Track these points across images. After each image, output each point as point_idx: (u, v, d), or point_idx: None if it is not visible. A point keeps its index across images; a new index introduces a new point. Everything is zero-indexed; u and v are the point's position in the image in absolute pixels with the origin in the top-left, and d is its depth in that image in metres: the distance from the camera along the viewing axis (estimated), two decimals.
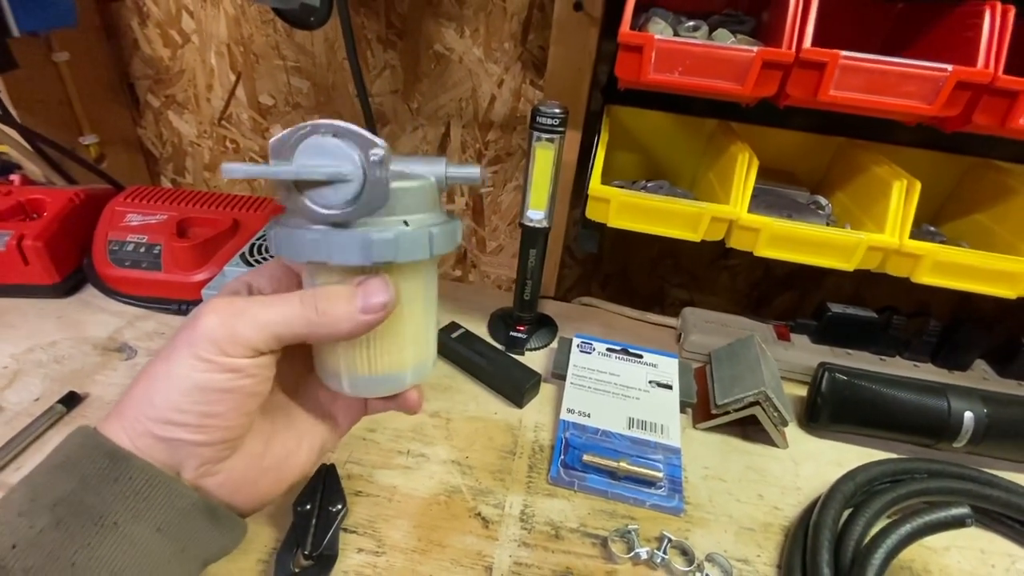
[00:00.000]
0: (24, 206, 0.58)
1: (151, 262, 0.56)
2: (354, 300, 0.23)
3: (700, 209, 0.44)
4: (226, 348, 0.23)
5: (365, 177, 0.21)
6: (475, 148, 0.69)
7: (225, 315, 0.23)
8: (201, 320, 0.23)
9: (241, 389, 0.23)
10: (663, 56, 0.38)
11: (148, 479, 0.23)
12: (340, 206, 0.22)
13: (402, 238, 0.22)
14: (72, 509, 0.22)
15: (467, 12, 0.61)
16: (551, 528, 0.39)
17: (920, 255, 0.43)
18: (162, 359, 0.23)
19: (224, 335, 0.23)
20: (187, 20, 0.68)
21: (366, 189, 0.21)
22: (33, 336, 0.52)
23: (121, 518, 0.22)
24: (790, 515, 0.42)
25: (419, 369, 0.28)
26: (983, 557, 0.40)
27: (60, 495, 0.22)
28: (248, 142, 0.76)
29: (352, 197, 0.21)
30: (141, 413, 0.23)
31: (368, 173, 0.21)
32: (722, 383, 0.48)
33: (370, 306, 0.23)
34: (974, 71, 0.35)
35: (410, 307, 0.26)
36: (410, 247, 0.23)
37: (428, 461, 0.43)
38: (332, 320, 0.23)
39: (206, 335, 0.22)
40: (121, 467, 0.22)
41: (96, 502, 0.22)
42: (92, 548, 0.21)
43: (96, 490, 0.22)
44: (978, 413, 0.45)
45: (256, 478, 0.27)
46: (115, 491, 0.22)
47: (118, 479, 0.22)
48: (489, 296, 0.64)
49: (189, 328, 0.23)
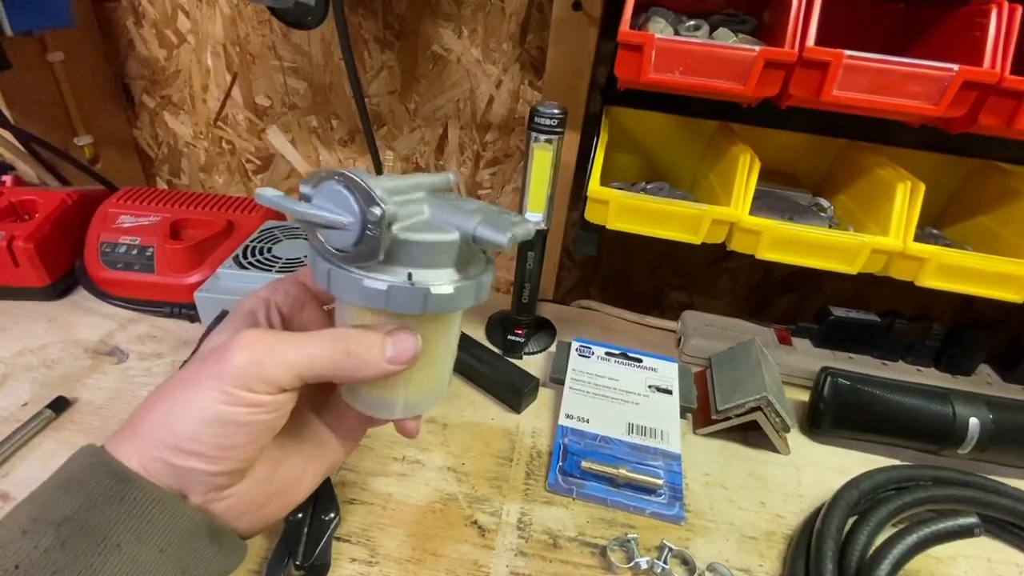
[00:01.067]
0: (16, 207, 0.57)
1: (144, 264, 0.55)
2: (384, 349, 0.25)
3: (701, 211, 0.44)
4: (252, 385, 0.23)
5: (362, 232, 0.23)
6: (473, 149, 0.69)
7: (256, 352, 0.23)
8: (231, 355, 0.23)
9: (261, 424, 0.24)
10: (663, 55, 0.38)
11: (153, 500, 0.23)
12: (340, 249, 0.24)
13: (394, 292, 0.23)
14: (77, 529, 0.22)
15: (465, 12, 0.60)
16: (549, 537, 0.39)
17: (924, 258, 0.42)
18: (184, 386, 0.23)
19: (253, 373, 0.23)
20: (183, 20, 0.68)
21: (361, 241, 0.23)
22: (23, 339, 0.51)
23: (124, 540, 0.22)
24: (793, 523, 0.41)
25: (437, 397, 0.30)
26: (990, 567, 0.40)
27: (65, 514, 0.22)
28: (244, 143, 0.75)
29: (350, 244, 0.23)
30: (158, 439, 0.23)
31: (364, 228, 0.22)
32: (723, 388, 0.48)
33: (399, 358, 0.25)
34: (981, 71, 0.35)
35: (437, 349, 0.28)
36: (403, 301, 0.24)
37: (423, 468, 0.43)
38: (360, 365, 0.25)
39: (235, 372, 0.23)
40: (127, 488, 0.22)
41: (100, 522, 0.22)
42: (95, 570, 0.21)
43: (101, 510, 0.22)
44: (983, 419, 0.44)
45: (263, 503, 0.27)
46: (120, 512, 0.22)
47: (123, 499, 0.22)
48: (487, 299, 0.63)
49: (218, 360, 0.23)
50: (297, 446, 0.29)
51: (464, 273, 0.25)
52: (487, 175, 0.70)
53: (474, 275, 0.26)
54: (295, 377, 0.24)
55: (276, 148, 0.75)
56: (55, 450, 0.41)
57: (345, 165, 0.74)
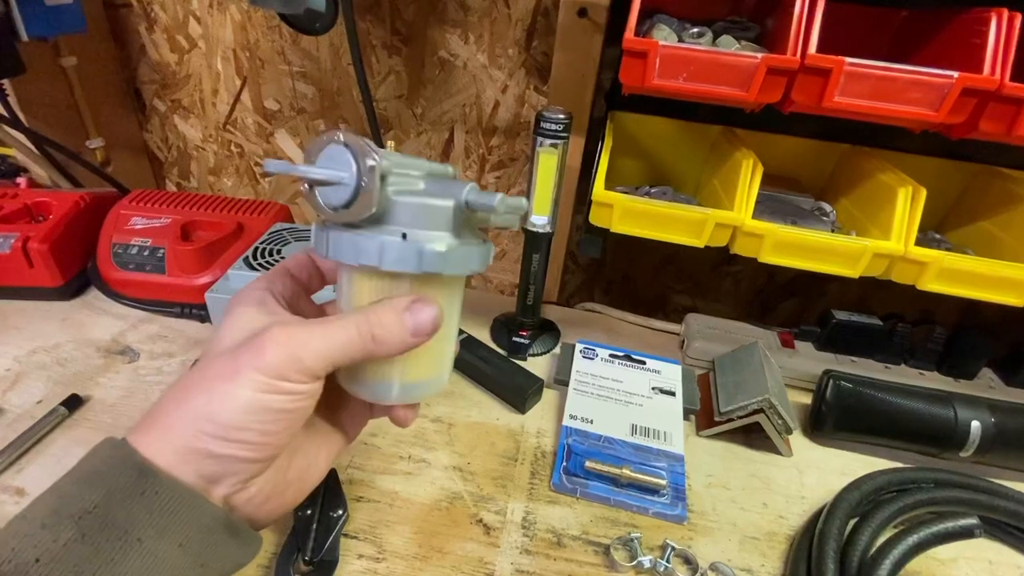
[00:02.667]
0: (30, 209, 0.58)
1: (155, 265, 0.56)
2: (406, 325, 0.25)
3: (704, 215, 0.44)
4: (291, 376, 0.24)
5: (358, 183, 0.23)
6: (478, 153, 0.69)
7: (291, 346, 0.24)
8: (268, 349, 0.24)
9: (297, 410, 0.25)
10: (667, 62, 0.38)
11: (174, 495, 0.23)
12: (338, 206, 0.24)
13: (387, 246, 0.24)
14: (98, 522, 0.22)
15: (472, 18, 0.61)
16: (553, 535, 0.39)
17: (926, 262, 0.42)
18: (224, 378, 0.24)
19: (292, 365, 0.24)
20: (194, 26, 0.69)
21: (357, 194, 0.24)
22: (36, 338, 0.52)
23: (145, 534, 0.22)
24: (795, 524, 0.42)
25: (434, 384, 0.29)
26: (991, 568, 0.40)
27: (86, 507, 0.22)
28: (253, 147, 0.76)
29: (347, 200, 0.24)
30: (199, 429, 0.23)
31: (360, 180, 0.23)
32: (726, 390, 0.48)
33: (421, 328, 0.25)
34: (980, 78, 0.35)
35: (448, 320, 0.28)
36: (397, 257, 0.24)
37: (430, 467, 0.43)
38: (387, 346, 0.25)
39: (274, 364, 0.24)
40: (149, 482, 0.23)
41: (122, 516, 0.22)
42: (115, 564, 0.21)
43: (122, 504, 0.22)
44: (985, 422, 0.44)
45: (282, 490, 0.27)
46: (141, 506, 0.22)
47: (145, 493, 0.22)
48: (492, 301, 0.64)
49: (255, 354, 0.24)
50: (311, 433, 0.30)
51: (459, 240, 0.26)
52: (492, 179, 0.71)
53: (469, 243, 0.26)
54: (328, 365, 0.25)
55: (284, 152, 0.76)
56: (69, 447, 0.42)
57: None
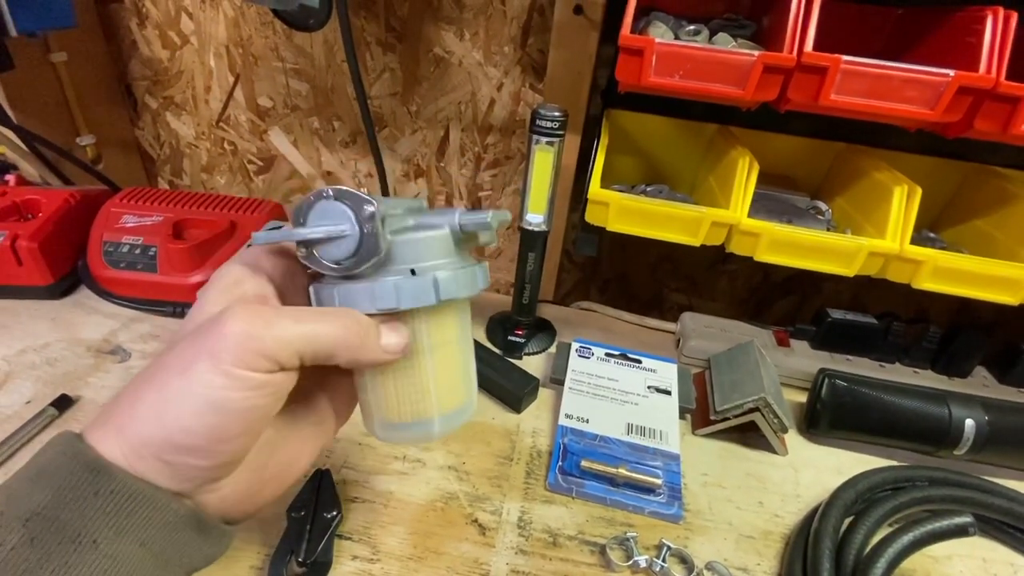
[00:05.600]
0: (19, 207, 0.58)
1: (147, 264, 0.55)
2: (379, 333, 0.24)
3: (700, 213, 0.44)
4: (251, 362, 0.21)
5: (361, 232, 0.23)
6: (474, 151, 0.69)
7: (253, 324, 0.21)
8: (226, 328, 0.21)
9: (258, 409, 0.22)
10: (664, 59, 0.38)
11: (131, 494, 0.21)
12: (344, 259, 0.24)
13: (402, 285, 0.24)
14: (47, 524, 0.20)
15: (467, 15, 0.61)
16: (549, 535, 0.39)
17: (921, 261, 0.43)
18: (177, 371, 0.21)
19: (252, 348, 0.21)
20: (186, 21, 0.68)
21: (363, 243, 0.24)
22: (26, 338, 0.51)
23: (101, 535, 0.20)
24: (790, 523, 0.42)
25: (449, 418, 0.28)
26: (985, 566, 0.40)
27: (33, 509, 0.20)
28: (246, 144, 0.76)
29: (352, 250, 0.24)
30: (146, 434, 0.21)
31: (362, 228, 0.23)
32: (721, 389, 0.48)
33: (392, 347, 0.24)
34: (976, 76, 0.35)
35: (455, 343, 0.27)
36: (414, 293, 0.24)
37: (424, 467, 0.43)
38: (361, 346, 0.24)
39: (231, 346, 0.21)
40: (102, 480, 0.21)
41: (73, 518, 0.20)
42: (70, 568, 0.20)
43: (73, 505, 0.20)
44: (979, 420, 0.44)
45: (259, 489, 0.25)
46: (95, 506, 0.20)
47: (98, 493, 0.21)
48: (487, 300, 0.64)
49: (210, 336, 0.21)
50: (293, 430, 0.27)
51: (463, 263, 0.26)
52: (488, 177, 0.70)
53: (471, 264, 0.27)
54: (294, 354, 0.22)
55: (278, 149, 0.75)
56: None
57: (347, 166, 0.74)
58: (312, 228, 0.24)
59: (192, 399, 0.21)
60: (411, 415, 0.27)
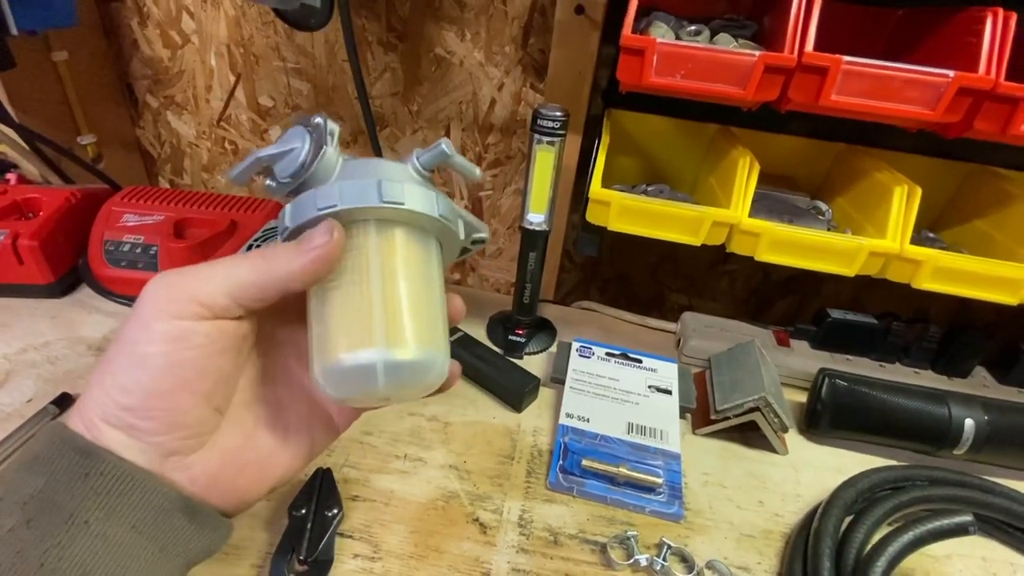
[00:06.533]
0: (20, 205, 0.58)
1: (147, 262, 0.55)
2: (301, 242, 0.23)
3: (701, 213, 0.44)
4: (180, 309, 0.22)
5: (309, 140, 0.25)
6: (475, 151, 0.69)
7: (173, 276, 0.23)
8: (147, 288, 0.23)
9: (185, 364, 0.22)
10: (665, 60, 0.38)
11: (120, 475, 0.22)
12: (294, 172, 0.26)
13: (345, 186, 0.24)
14: (42, 507, 0.21)
15: (468, 15, 0.61)
16: (549, 534, 0.39)
17: (921, 261, 0.43)
18: (115, 341, 0.23)
19: (179, 296, 0.22)
20: (187, 21, 0.68)
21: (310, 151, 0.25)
22: (27, 336, 0.51)
23: (92, 516, 0.21)
24: (791, 522, 0.42)
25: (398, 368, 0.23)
26: (984, 565, 0.40)
27: (30, 492, 0.21)
28: (247, 143, 0.76)
29: (301, 161, 0.25)
30: (97, 402, 0.22)
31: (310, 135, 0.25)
32: (722, 388, 0.48)
33: (309, 243, 0.23)
34: (976, 77, 0.35)
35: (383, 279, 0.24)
36: (356, 192, 0.24)
37: (426, 466, 0.43)
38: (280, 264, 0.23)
39: (148, 299, 0.22)
40: (92, 463, 0.22)
41: (66, 500, 0.21)
42: (63, 547, 0.21)
43: (66, 487, 0.21)
44: (979, 420, 0.44)
45: (234, 475, 0.25)
46: (86, 488, 0.22)
47: (88, 475, 0.22)
48: (488, 300, 0.64)
49: (138, 301, 0.23)
50: (274, 416, 0.27)
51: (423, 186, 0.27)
52: (489, 176, 0.70)
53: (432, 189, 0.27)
54: (224, 295, 0.23)
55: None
56: None
57: None
58: (269, 147, 0.26)
59: (124, 358, 0.22)
60: (348, 346, 0.23)
